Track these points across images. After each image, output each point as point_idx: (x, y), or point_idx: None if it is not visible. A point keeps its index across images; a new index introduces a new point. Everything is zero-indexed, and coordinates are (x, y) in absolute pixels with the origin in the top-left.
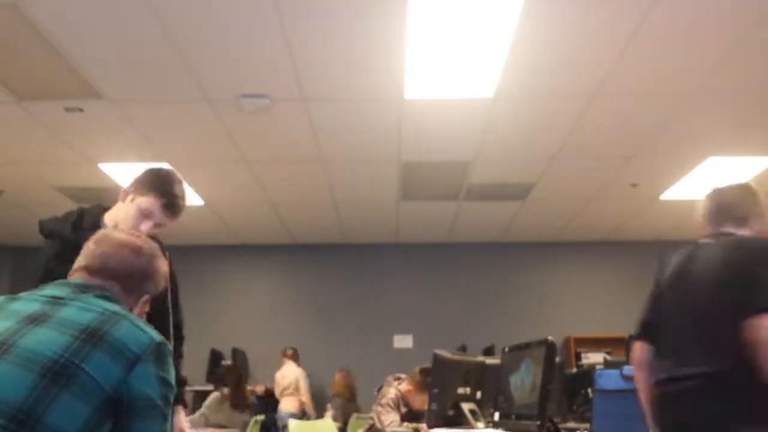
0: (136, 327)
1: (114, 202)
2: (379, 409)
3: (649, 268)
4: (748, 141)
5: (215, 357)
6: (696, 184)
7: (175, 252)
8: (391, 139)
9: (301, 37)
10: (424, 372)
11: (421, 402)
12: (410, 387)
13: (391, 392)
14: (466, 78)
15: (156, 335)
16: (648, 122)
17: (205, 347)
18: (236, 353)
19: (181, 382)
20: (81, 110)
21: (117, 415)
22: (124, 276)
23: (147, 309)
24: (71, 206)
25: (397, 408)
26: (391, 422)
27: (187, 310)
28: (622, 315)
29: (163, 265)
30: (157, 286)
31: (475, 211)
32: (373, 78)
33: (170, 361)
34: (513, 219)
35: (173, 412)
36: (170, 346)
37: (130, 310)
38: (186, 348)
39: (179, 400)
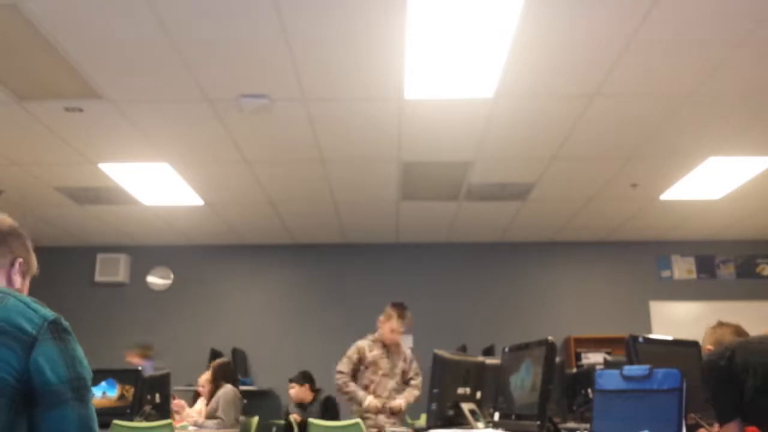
0: (24, 305)
1: (113, 201)
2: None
3: (649, 268)
4: (748, 141)
5: (215, 357)
6: (696, 184)
7: (175, 252)
8: (391, 139)
9: (301, 37)
10: (394, 306)
11: (389, 330)
12: (382, 317)
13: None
14: (466, 78)
15: (48, 312)
16: (648, 122)
17: (205, 347)
18: (236, 353)
19: None
20: (81, 110)
21: (29, 408)
22: None
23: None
24: (71, 206)
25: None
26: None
27: (187, 310)
28: (622, 315)
29: (26, 236)
30: (28, 250)
31: (475, 211)
32: (373, 78)
33: (72, 337)
34: (513, 219)
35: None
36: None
37: (8, 282)
38: (186, 348)
39: None
